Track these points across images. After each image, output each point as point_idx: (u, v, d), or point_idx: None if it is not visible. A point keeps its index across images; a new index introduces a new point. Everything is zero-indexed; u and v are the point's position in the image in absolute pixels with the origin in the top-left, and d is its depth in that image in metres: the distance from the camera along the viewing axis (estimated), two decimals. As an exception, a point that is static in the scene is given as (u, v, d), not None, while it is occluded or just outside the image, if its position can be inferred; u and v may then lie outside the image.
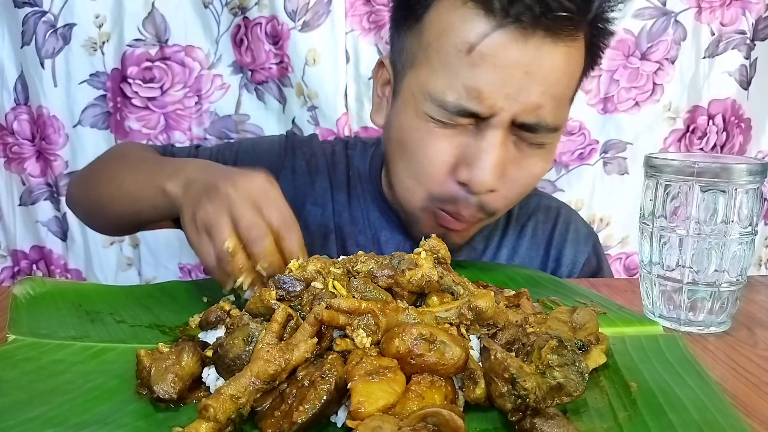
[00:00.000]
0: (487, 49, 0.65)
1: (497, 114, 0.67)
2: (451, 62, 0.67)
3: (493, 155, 0.68)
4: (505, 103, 0.66)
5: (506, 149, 0.69)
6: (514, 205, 0.79)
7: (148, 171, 0.73)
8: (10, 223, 1.29)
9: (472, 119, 0.68)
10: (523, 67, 0.66)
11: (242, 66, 1.28)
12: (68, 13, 1.21)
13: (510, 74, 0.66)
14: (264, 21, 1.25)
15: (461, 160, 0.70)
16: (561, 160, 1.37)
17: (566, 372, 0.42)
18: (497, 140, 0.68)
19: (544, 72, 0.66)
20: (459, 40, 0.67)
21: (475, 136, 0.69)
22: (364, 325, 0.45)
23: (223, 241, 0.55)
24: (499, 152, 0.68)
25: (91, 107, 1.26)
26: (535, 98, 0.67)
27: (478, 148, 0.69)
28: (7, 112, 1.25)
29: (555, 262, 0.88)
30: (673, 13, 1.31)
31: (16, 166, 1.28)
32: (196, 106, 1.28)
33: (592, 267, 0.89)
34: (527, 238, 0.88)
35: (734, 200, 0.58)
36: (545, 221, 0.90)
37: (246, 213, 0.57)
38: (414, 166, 0.73)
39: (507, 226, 0.88)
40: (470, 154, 0.69)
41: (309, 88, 1.26)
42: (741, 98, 1.36)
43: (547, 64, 0.66)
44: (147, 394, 0.45)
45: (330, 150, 0.93)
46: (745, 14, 1.33)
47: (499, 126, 0.68)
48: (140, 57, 1.24)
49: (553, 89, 0.68)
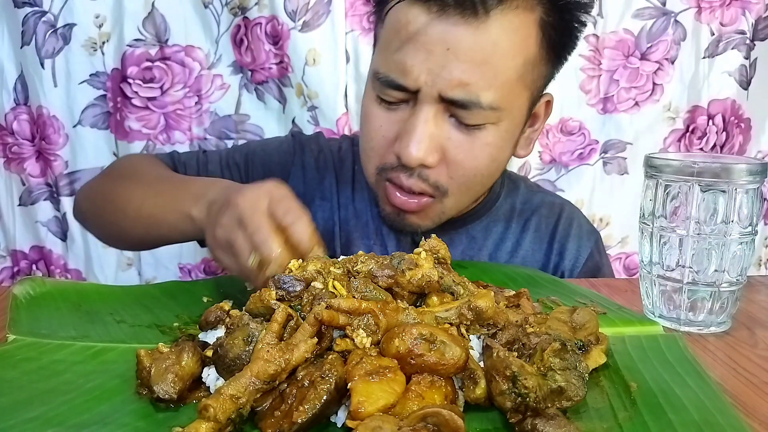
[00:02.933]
0: (413, 27, 0.70)
1: (422, 89, 0.70)
2: (389, 42, 0.73)
3: (420, 129, 0.71)
4: (428, 78, 0.70)
5: (438, 126, 0.72)
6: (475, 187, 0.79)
7: (168, 194, 0.74)
8: (10, 223, 1.29)
9: (405, 95, 0.72)
10: (444, 44, 0.68)
11: (242, 66, 1.28)
12: (68, 13, 1.21)
13: (431, 50, 0.69)
14: (264, 21, 1.25)
15: (397, 135, 0.74)
16: (561, 160, 1.37)
17: (568, 376, 0.43)
18: (426, 115, 0.71)
19: (466, 50, 0.69)
20: (396, 22, 0.72)
21: (410, 112, 0.73)
22: (364, 325, 0.45)
23: (245, 259, 0.56)
24: (427, 126, 0.71)
25: (91, 107, 1.26)
26: (458, 74, 0.69)
27: (410, 123, 0.72)
28: (7, 112, 1.25)
29: (558, 256, 0.88)
30: (673, 13, 1.31)
31: (16, 166, 1.28)
32: (196, 106, 1.28)
33: (594, 262, 0.90)
34: (530, 232, 0.89)
35: (734, 200, 0.58)
36: (548, 216, 0.91)
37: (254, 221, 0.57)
38: (364, 142, 0.79)
39: (510, 220, 0.89)
40: (403, 129, 0.73)
41: (309, 88, 1.26)
42: (741, 98, 1.36)
43: (470, 42, 0.68)
44: (147, 394, 0.45)
45: (337, 146, 0.95)
46: (745, 14, 1.33)
47: (426, 101, 0.71)
48: (140, 57, 1.24)
49: (482, 68, 0.69)
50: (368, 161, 0.79)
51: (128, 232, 0.80)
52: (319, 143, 0.95)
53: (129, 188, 0.82)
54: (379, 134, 0.76)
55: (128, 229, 0.80)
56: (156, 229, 0.75)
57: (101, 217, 0.86)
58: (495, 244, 0.88)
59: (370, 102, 0.77)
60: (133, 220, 0.78)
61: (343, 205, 0.89)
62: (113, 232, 0.85)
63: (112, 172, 0.92)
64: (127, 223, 0.79)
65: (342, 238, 0.87)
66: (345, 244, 0.87)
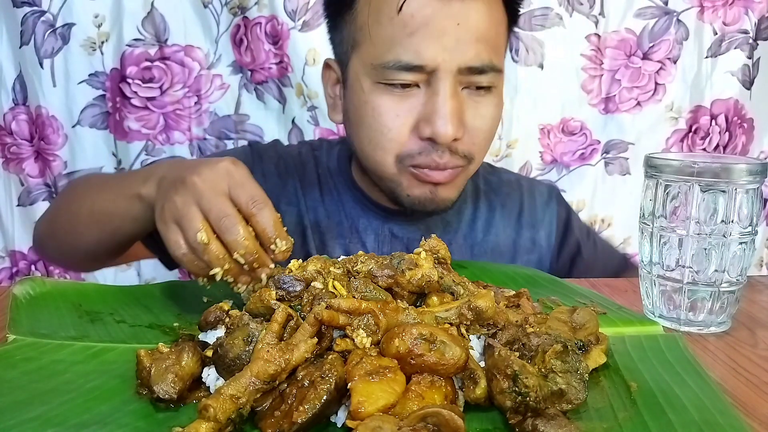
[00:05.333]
0: (416, 10, 0.72)
1: (441, 66, 0.73)
2: (387, 29, 0.74)
3: (447, 106, 0.73)
4: (446, 55, 0.73)
5: (458, 99, 0.75)
6: (488, 149, 0.83)
7: (117, 185, 0.73)
8: (9, 223, 1.29)
9: (419, 75, 0.74)
10: (454, 20, 0.73)
11: (242, 66, 1.28)
12: (67, 13, 1.21)
13: (443, 29, 0.72)
14: (264, 21, 1.25)
15: (420, 118, 0.75)
16: (562, 161, 1.37)
17: (569, 378, 0.43)
18: (449, 91, 0.73)
19: (472, 22, 0.74)
20: (389, 8, 0.73)
21: (428, 94, 0.75)
22: (364, 325, 0.45)
23: (195, 231, 0.54)
24: (453, 102, 0.74)
25: (90, 107, 1.25)
26: (472, 45, 0.74)
27: (433, 103, 0.74)
28: (6, 112, 1.25)
29: (532, 229, 0.94)
30: (676, 13, 1.31)
31: (15, 166, 1.27)
32: (196, 106, 1.28)
33: (563, 218, 0.97)
34: (498, 211, 0.94)
35: (734, 200, 0.58)
36: (510, 193, 0.96)
37: (214, 201, 0.56)
38: (376, 138, 0.78)
39: (477, 200, 0.94)
40: (427, 111, 0.74)
41: (309, 88, 1.26)
42: (743, 98, 1.36)
43: (474, 15, 0.74)
44: (147, 394, 0.45)
45: (296, 152, 0.95)
46: (748, 14, 1.33)
47: (446, 77, 0.73)
48: (139, 57, 1.24)
49: (486, 35, 0.75)
50: (387, 153, 0.78)
51: (84, 237, 0.78)
52: (277, 150, 0.96)
53: (79, 195, 0.82)
54: (397, 123, 0.76)
55: (84, 233, 0.78)
56: (109, 223, 0.73)
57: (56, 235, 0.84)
58: (468, 224, 0.92)
59: (374, 96, 0.76)
60: (87, 219, 0.76)
61: (312, 207, 0.89)
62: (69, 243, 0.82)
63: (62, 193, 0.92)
64: (81, 227, 0.78)
65: (315, 240, 0.88)
66: (320, 246, 0.88)
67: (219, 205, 0.55)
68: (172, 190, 0.58)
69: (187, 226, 0.55)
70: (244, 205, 0.56)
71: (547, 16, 1.31)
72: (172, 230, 0.57)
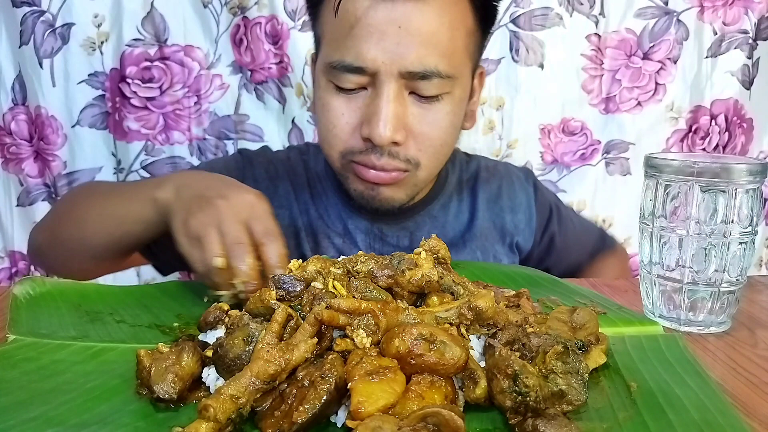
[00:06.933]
0: (360, 12, 0.73)
1: (382, 69, 0.73)
2: (337, 30, 0.75)
3: (387, 109, 0.74)
4: (386, 58, 0.73)
5: (402, 103, 0.75)
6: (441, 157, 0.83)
7: (129, 189, 0.76)
8: (8, 224, 1.29)
9: (363, 78, 0.75)
10: (395, 23, 0.72)
11: (242, 66, 1.28)
12: (67, 13, 1.21)
13: (384, 31, 0.72)
14: (264, 21, 1.25)
15: (363, 119, 0.77)
16: (563, 161, 1.37)
17: (569, 380, 0.42)
18: (390, 94, 0.74)
19: (416, 25, 0.73)
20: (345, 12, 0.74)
21: (372, 96, 0.76)
22: (364, 325, 0.45)
23: (212, 255, 0.59)
24: (394, 106, 0.74)
25: (90, 107, 1.26)
26: (414, 49, 0.73)
27: (374, 105, 0.75)
28: (5, 113, 1.25)
29: (511, 213, 0.95)
30: (676, 13, 1.31)
31: (14, 166, 1.27)
32: (196, 106, 1.28)
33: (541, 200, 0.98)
34: (480, 198, 0.95)
35: (734, 200, 0.58)
36: (488, 178, 0.97)
37: (233, 228, 0.60)
38: (324, 133, 0.81)
39: (461, 192, 0.95)
40: (369, 113, 0.76)
41: (309, 88, 1.26)
42: (743, 98, 1.36)
43: (418, 17, 0.73)
44: (147, 394, 0.45)
45: (285, 156, 0.97)
46: (748, 14, 1.33)
47: (388, 80, 0.74)
48: (139, 57, 1.24)
49: (433, 40, 0.74)
50: (331, 149, 0.81)
51: (90, 242, 0.78)
52: (266, 156, 0.97)
53: (88, 200, 0.83)
54: (341, 121, 0.78)
55: (90, 238, 0.78)
56: (119, 227, 0.75)
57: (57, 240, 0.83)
58: (454, 217, 0.93)
59: (326, 94, 0.79)
60: (95, 224, 0.77)
61: (304, 210, 0.91)
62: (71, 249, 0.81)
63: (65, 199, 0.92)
64: (88, 233, 0.78)
65: (309, 242, 0.89)
66: (314, 247, 0.89)
67: (236, 232, 0.60)
68: (196, 206, 0.63)
69: (207, 247, 0.59)
70: (258, 235, 0.60)
71: (547, 16, 1.31)
72: (195, 248, 0.61)
